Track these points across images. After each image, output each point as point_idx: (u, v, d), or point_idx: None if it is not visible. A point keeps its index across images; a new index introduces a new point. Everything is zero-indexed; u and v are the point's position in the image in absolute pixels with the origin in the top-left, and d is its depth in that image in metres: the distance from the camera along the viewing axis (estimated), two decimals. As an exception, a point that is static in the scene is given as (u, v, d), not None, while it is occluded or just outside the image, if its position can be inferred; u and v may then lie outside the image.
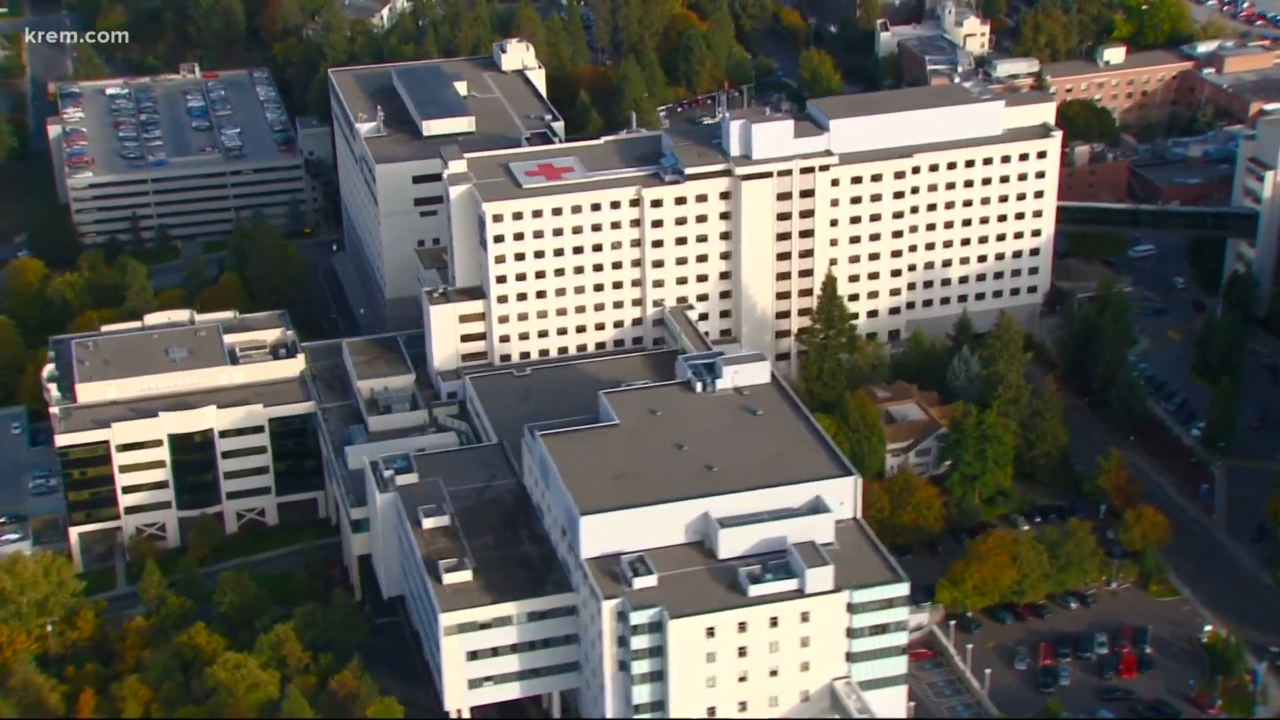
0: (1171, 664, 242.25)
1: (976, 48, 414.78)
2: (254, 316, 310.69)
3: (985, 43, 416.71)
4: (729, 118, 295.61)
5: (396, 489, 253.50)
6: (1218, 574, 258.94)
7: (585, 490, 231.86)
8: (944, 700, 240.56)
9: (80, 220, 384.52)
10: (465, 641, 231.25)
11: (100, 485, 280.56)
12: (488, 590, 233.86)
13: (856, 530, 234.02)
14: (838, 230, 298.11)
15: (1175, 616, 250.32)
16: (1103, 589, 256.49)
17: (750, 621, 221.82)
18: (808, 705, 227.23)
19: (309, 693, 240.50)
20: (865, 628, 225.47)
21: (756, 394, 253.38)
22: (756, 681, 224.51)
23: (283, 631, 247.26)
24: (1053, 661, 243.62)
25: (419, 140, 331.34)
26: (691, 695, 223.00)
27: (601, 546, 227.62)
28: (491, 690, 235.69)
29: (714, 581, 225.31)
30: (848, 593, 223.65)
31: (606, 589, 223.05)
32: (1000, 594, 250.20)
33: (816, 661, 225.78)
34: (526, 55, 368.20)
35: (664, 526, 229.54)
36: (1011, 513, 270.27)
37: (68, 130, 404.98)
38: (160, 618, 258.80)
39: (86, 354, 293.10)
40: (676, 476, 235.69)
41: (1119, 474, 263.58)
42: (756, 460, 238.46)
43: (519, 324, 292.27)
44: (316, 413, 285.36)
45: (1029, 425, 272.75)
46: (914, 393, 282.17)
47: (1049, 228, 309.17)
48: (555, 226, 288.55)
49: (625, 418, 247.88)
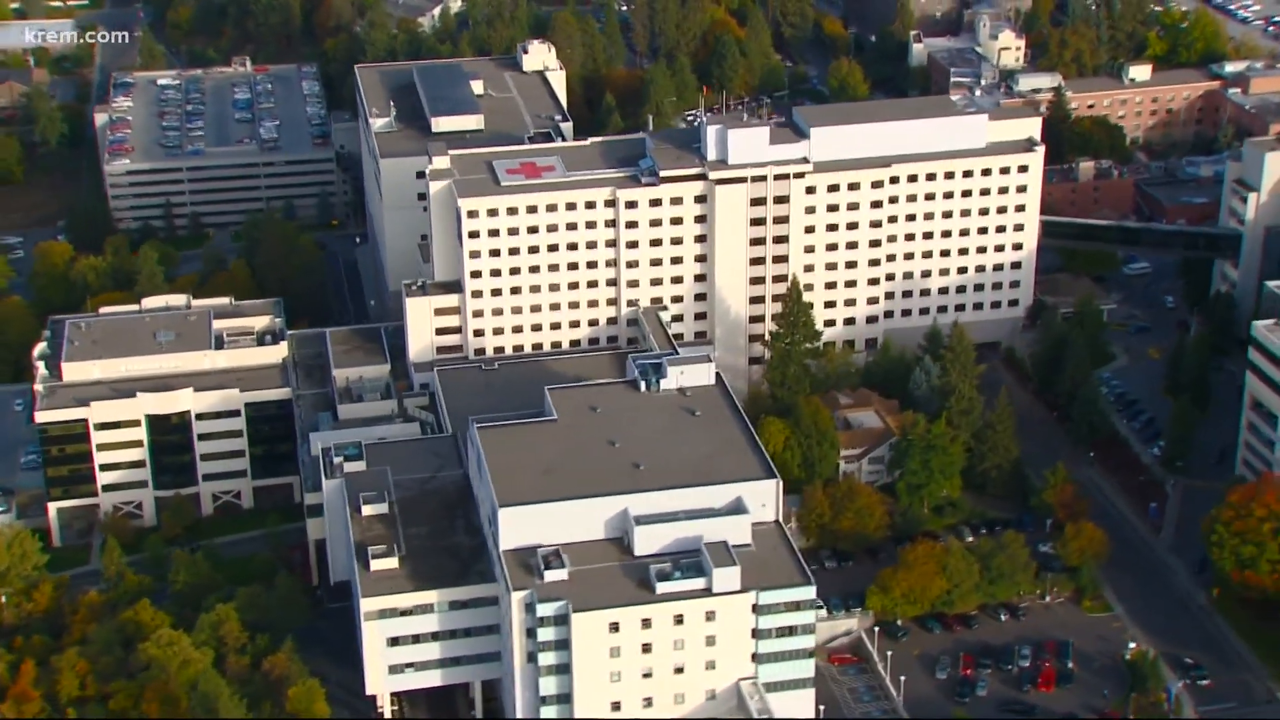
0: (1092, 679, 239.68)
1: (1011, 61, 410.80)
2: (249, 304, 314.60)
3: (1020, 57, 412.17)
4: (706, 122, 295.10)
5: (344, 475, 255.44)
6: (1154, 592, 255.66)
7: (509, 483, 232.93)
8: (861, 705, 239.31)
9: (116, 206, 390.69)
10: (386, 627, 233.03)
11: (78, 462, 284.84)
12: (412, 578, 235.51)
13: (776, 533, 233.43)
14: (814, 237, 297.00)
15: (1104, 632, 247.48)
16: (1037, 603, 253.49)
17: (655, 618, 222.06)
18: (714, 704, 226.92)
19: (242, 672, 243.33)
20: (772, 629, 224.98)
21: (699, 395, 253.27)
22: (662, 678, 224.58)
23: (223, 611, 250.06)
24: (973, 672, 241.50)
25: (427, 136, 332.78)
26: (596, 689, 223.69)
27: (520, 538, 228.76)
28: (413, 677, 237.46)
29: (625, 577, 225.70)
30: (754, 594, 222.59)
31: (518, 580, 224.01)
32: (930, 603, 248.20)
33: (723, 661, 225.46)
34: (548, 56, 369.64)
35: (584, 521, 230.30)
36: (959, 523, 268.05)
37: (114, 118, 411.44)
38: (117, 594, 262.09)
39: (77, 334, 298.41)
40: (602, 473, 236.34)
41: (1064, 489, 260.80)
42: (684, 460, 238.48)
43: (494, 319, 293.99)
44: (292, 399, 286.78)
45: (981, 437, 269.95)
46: (875, 401, 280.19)
47: (1031, 242, 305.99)
48: (531, 224, 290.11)
49: (564, 414, 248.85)
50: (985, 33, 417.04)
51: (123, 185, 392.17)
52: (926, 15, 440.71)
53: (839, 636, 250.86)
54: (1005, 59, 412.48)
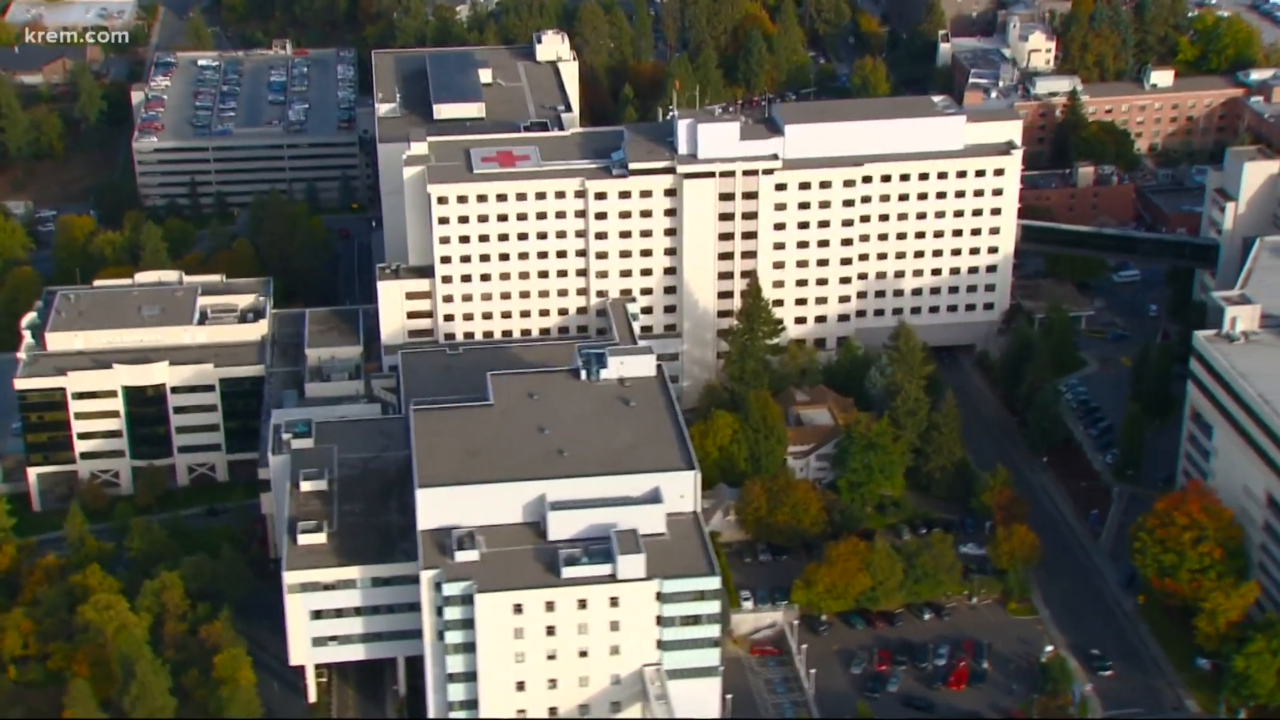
0: (1004, 680, 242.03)
1: (1041, 64, 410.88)
2: (239, 282, 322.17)
3: (1050, 59, 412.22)
4: (678, 116, 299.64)
5: (290, 452, 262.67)
6: (1082, 598, 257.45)
7: (432, 464, 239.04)
8: (774, 697, 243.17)
9: (144, 183, 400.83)
10: (309, 600, 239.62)
11: (56, 430, 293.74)
12: (337, 553, 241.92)
13: (692, 524, 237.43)
14: (785, 234, 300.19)
15: (1026, 635, 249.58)
16: (963, 603, 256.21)
17: (559, 601, 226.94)
18: (619, 689, 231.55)
19: (178, 638, 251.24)
20: (676, 617, 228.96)
21: (637, 386, 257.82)
22: (566, 661, 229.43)
23: (167, 578, 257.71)
24: (887, 668, 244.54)
25: (429, 123, 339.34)
26: (501, 669, 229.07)
27: (438, 519, 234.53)
28: (335, 650, 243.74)
29: (536, 561, 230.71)
30: (658, 582, 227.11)
31: (429, 559, 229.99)
32: (854, 599, 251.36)
33: (627, 646, 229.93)
34: (561, 47, 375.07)
35: (502, 505, 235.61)
36: (900, 522, 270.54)
37: (149, 96, 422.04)
38: (77, 558, 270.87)
39: (66, 305, 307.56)
40: (526, 458, 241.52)
41: (1003, 492, 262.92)
42: (609, 449, 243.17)
43: (463, 304, 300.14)
44: (264, 376, 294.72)
45: (927, 438, 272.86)
46: (830, 399, 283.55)
47: (1008, 245, 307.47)
48: (501, 212, 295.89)
49: (502, 399, 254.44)
50: (1015, 34, 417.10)
51: (150, 162, 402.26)
52: (963, 15, 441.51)
53: (763, 629, 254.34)
54: (1035, 61, 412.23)
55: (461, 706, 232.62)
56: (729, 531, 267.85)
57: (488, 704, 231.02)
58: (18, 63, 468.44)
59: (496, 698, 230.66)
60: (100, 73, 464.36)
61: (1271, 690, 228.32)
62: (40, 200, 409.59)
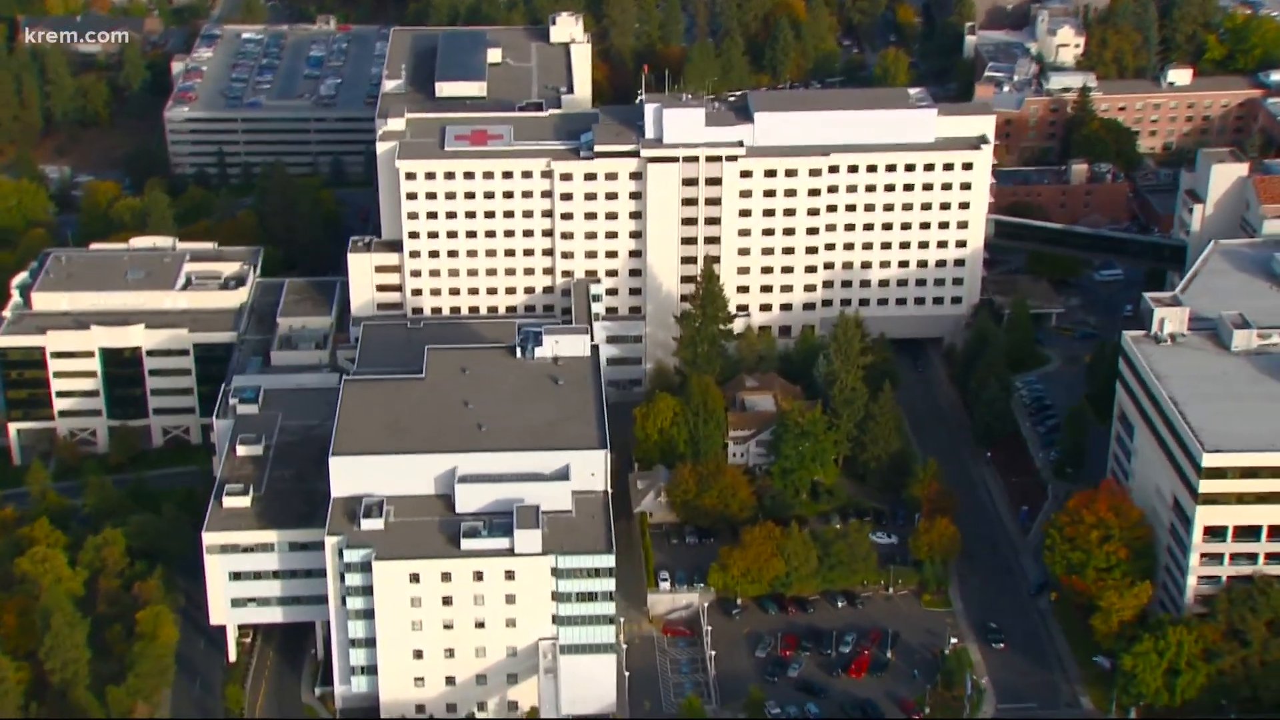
0: (906, 670, 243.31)
1: (1068, 58, 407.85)
2: (229, 250, 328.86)
3: (1077, 54, 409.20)
4: (645, 100, 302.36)
5: (236, 417, 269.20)
6: (999, 593, 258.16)
7: (350, 433, 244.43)
8: (677, 677, 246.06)
9: (175, 151, 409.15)
10: (227, 562, 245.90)
11: (36, 387, 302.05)
12: (259, 517, 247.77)
13: (599, 503, 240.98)
14: (750, 221, 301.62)
15: (935, 627, 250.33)
16: (879, 593, 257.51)
17: (455, 573, 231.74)
18: (515, 661, 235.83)
19: (111, 594, 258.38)
20: (572, 593, 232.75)
21: (569, 366, 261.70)
22: (463, 631, 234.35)
23: (109, 535, 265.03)
24: (792, 654, 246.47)
25: (430, 100, 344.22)
26: (398, 636, 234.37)
27: (351, 487, 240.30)
28: (255, 611, 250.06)
29: (440, 532, 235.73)
30: (554, 557, 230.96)
31: (335, 526, 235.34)
32: (769, 584, 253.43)
33: (523, 620, 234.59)
34: (575, 29, 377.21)
35: (414, 476, 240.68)
36: (832, 510, 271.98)
37: (188, 67, 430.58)
38: (35, 511, 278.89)
39: (56, 267, 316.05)
40: (444, 431, 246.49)
41: (932, 484, 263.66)
42: (527, 425, 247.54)
43: (431, 279, 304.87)
44: (236, 342, 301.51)
45: (864, 428, 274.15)
46: (778, 386, 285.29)
47: (977, 240, 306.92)
48: (468, 190, 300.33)
49: (435, 373, 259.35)
50: (1044, 28, 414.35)
51: (182, 131, 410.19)
52: (998, 7, 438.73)
53: (679, 609, 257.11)
54: (1063, 56, 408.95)
55: (363, 671, 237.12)
56: (660, 513, 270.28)
57: (386, 670, 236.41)
58: (79, 32, 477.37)
59: (395, 664, 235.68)
60: (158, 43, 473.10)
61: (1156, 690, 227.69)
62: (81, 166, 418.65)
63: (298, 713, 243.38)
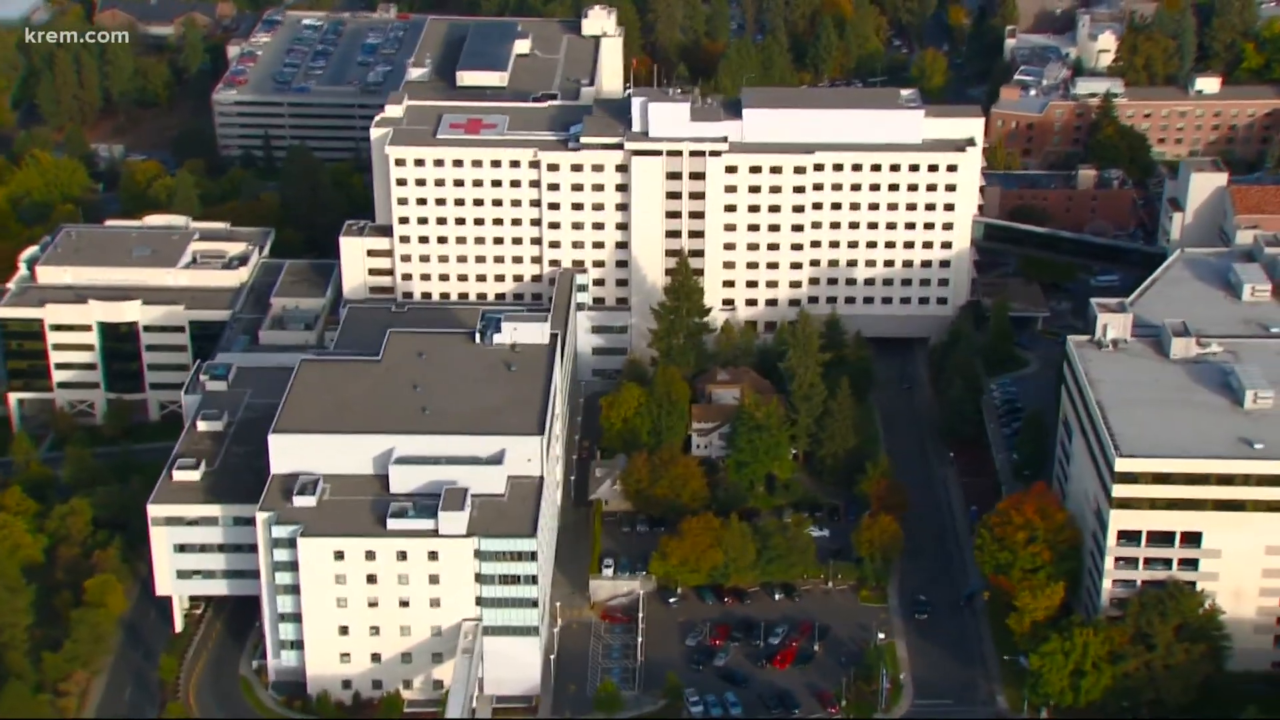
0: (831, 663, 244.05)
1: (1108, 63, 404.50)
2: (240, 230, 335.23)
3: (1111, 60, 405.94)
4: (632, 94, 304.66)
5: (204, 392, 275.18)
6: (937, 591, 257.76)
7: (296, 412, 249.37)
8: (606, 661, 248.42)
9: (222, 133, 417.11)
10: (173, 534, 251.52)
11: (35, 358, 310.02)
12: (207, 491, 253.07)
13: (533, 488, 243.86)
14: (735, 216, 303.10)
15: (868, 622, 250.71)
16: (819, 587, 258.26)
17: (379, 551, 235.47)
18: (440, 640, 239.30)
19: (70, 562, 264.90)
20: (495, 575, 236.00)
21: (526, 353, 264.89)
22: (388, 610, 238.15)
23: (76, 504, 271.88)
24: (721, 643, 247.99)
25: (452, 89, 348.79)
26: (323, 612, 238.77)
27: (290, 465, 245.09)
28: (200, 584, 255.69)
29: (370, 512, 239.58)
30: (477, 539, 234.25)
31: (269, 502, 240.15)
32: (708, 574, 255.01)
33: (447, 600, 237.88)
34: (607, 22, 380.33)
35: (352, 455, 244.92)
36: (787, 504, 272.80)
37: (244, 51, 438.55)
38: (19, 480, 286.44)
39: (66, 242, 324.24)
40: (389, 412, 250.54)
41: (880, 482, 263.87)
42: (471, 410, 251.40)
43: (421, 264, 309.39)
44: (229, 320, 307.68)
45: (821, 424, 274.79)
46: (748, 379, 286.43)
47: (963, 241, 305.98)
48: (457, 177, 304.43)
49: (391, 356, 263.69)
50: (1085, 32, 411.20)
51: (230, 114, 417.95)
52: (1046, 11, 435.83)
53: (620, 596, 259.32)
54: (1103, 61, 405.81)
55: (292, 646, 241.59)
56: (615, 501, 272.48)
57: (312, 645, 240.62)
58: (152, 14, 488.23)
59: (321, 639, 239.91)
60: (229, 28, 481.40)
61: (1061, 691, 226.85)
62: (136, 146, 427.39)
63: (233, 684, 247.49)
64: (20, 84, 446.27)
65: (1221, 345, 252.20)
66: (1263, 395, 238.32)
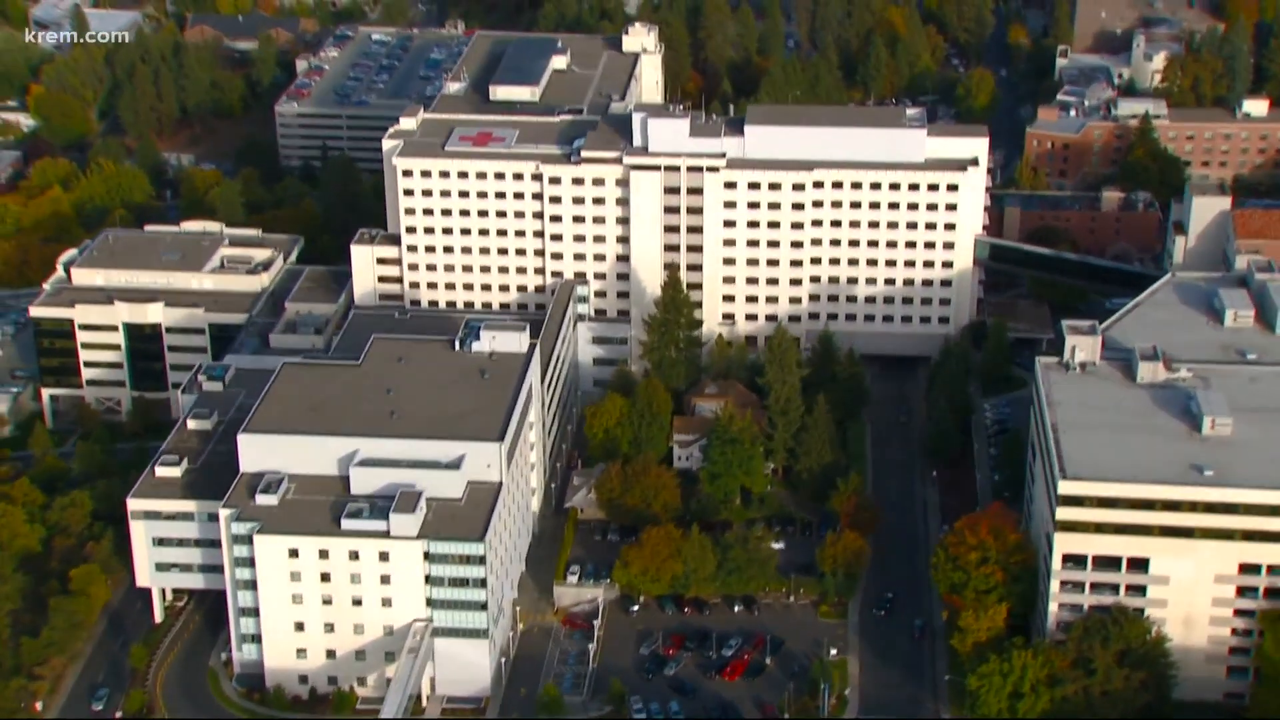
0: (781, 677, 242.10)
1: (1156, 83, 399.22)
2: (271, 237, 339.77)
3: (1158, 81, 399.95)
4: (633, 110, 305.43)
5: (200, 392, 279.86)
6: (899, 608, 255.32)
7: (269, 412, 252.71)
8: (560, 667, 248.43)
9: (284, 144, 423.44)
10: (151, 528, 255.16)
11: (66, 356, 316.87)
12: (186, 488, 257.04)
13: (491, 493, 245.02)
14: (735, 232, 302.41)
15: (822, 636, 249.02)
16: (780, 601, 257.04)
17: (332, 551, 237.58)
18: (392, 640, 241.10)
19: (65, 552, 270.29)
20: (445, 578, 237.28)
21: (502, 361, 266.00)
22: (341, 608, 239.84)
23: (76, 496, 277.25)
24: (675, 653, 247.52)
25: (485, 103, 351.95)
26: (279, 607, 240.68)
27: (259, 464, 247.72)
28: (177, 577, 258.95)
29: (329, 512, 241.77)
30: (426, 541, 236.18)
31: (233, 500, 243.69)
32: (669, 584, 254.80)
33: (399, 600, 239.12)
34: (646, 39, 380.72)
35: (318, 457, 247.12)
36: (761, 518, 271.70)
37: (311, 65, 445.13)
38: (34, 472, 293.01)
39: (103, 245, 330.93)
40: (359, 415, 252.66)
41: (850, 499, 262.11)
42: (438, 415, 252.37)
43: (428, 273, 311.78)
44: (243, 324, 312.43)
45: (798, 439, 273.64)
46: (734, 393, 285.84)
47: (964, 261, 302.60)
48: (462, 189, 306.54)
49: (372, 360, 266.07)
50: (1140, 52, 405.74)
51: (291, 125, 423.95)
52: (1106, 30, 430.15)
53: (583, 603, 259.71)
54: (1157, 81, 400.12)
55: (253, 640, 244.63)
56: (590, 509, 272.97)
57: (270, 640, 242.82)
58: (238, 30, 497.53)
59: (278, 635, 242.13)
60: (310, 43, 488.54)
61: (999, 711, 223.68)
62: (207, 155, 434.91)
63: (201, 675, 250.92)
64: (106, 95, 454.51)
65: (1192, 370, 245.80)
66: (1220, 422, 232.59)
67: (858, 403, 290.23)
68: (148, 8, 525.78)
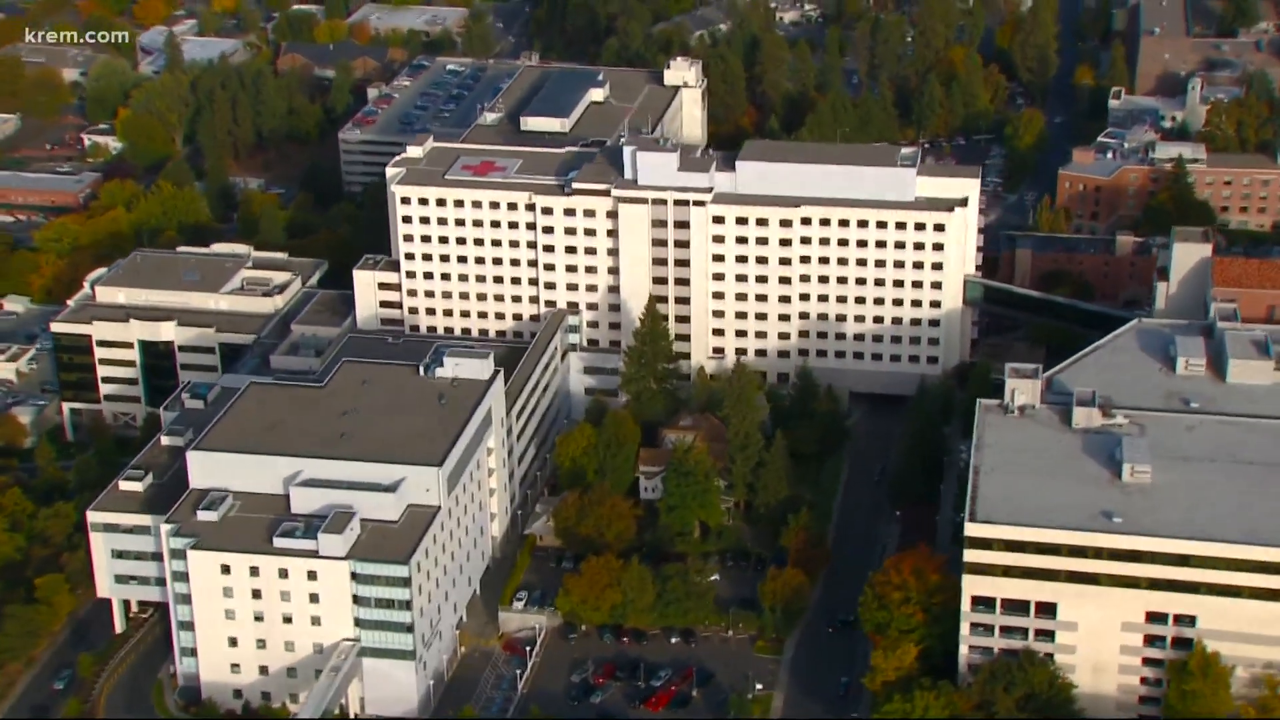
0: (706, 711, 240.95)
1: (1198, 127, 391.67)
2: (296, 261, 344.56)
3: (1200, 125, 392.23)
4: (625, 143, 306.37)
5: (181, 409, 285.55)
6: (836, 645, 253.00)
7: (224, 430, 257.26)
8: (491, 691, 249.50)
9: (347, 170, 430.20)
10: (110, 540, 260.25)
11: (84, 371, 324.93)
12: (145, 502, 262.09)
13: (426, 517, 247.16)
14: (723, 266, 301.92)
15: (753, 671, 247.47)
16: (719, 634, 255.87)
17: (263, 568, 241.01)
18: (322, 658, 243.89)
19: (41, 561, 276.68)
20: (371, 599, 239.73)
21: (464, 387, 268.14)
22: (272, 624, 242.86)
23: (61, 508, 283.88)
24: (604, 681, 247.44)
25: (517, 133, 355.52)
26: (213, 622, 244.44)
27: (208, 480, 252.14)
28: (137, 589, 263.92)
29: (266, 529, 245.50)
30: (353, 562, 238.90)
31: (176, 515, 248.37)
32: (609, 613, 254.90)
33: (327, 619, 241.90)
34: (688, 74, 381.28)
35: (264, 475, 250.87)
36: (714, 551, 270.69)
37: (381, 93, 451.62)
38: (38, 483, 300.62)
39: (131, 264, 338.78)
40: (311, 435, 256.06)
41: (800, 535, 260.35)
42: (387, 437, 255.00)
43: (426, 299, 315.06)
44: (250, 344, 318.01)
45: (755, 475, 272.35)
46: (706, 426, 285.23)
47: (953, 301, 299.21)
48: (459, 217, 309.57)
49: (337, 383, 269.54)
50: (1195, 95, 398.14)
51: (354, 152, 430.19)
52: (1169, 73, 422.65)
53: (525, 629, 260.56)
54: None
55: (190, 653, 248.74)
56: (548, 537, 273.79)
57: (205, 654, 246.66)
58: (326, 57, 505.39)
59: (212, 649, 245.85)
60: (396, 71, 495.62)
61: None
62: (279, 180, 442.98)
63: (148, 687, 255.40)
64: (189, 120, 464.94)
65: (1128, 417, 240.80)
66: (1139, 469, 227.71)
67: (837, 439, 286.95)
68: (250, 36, 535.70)
